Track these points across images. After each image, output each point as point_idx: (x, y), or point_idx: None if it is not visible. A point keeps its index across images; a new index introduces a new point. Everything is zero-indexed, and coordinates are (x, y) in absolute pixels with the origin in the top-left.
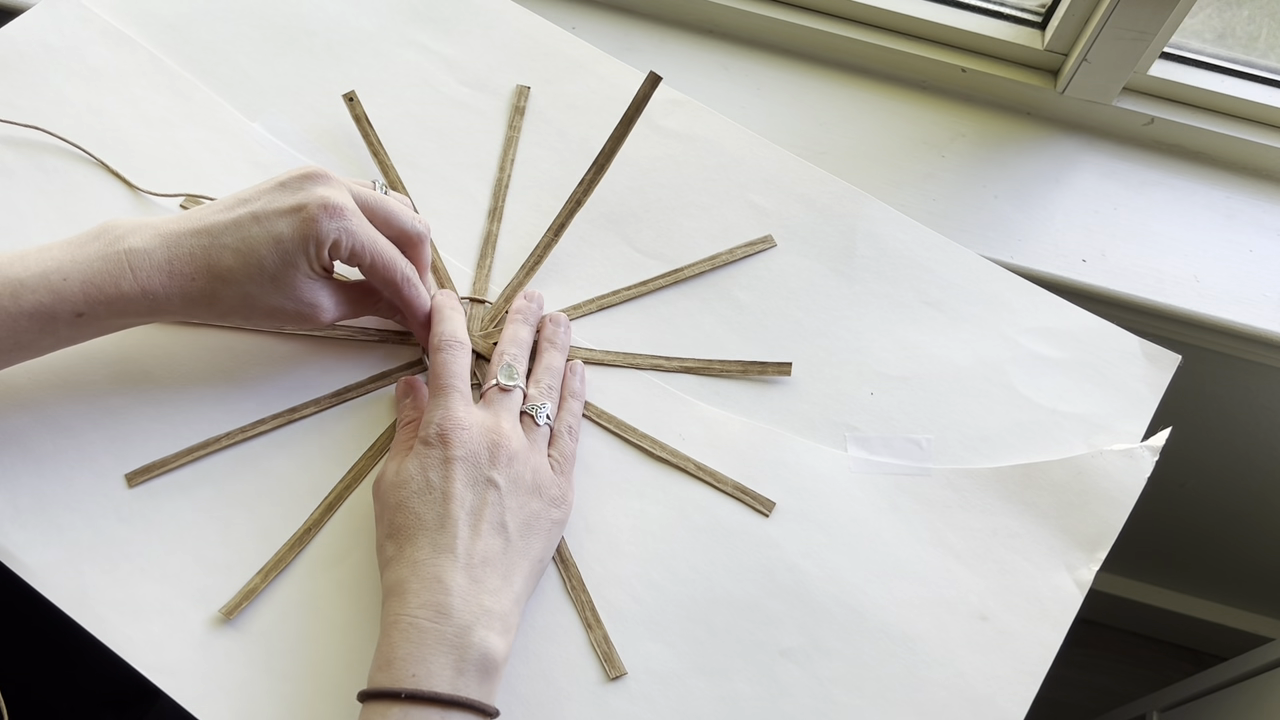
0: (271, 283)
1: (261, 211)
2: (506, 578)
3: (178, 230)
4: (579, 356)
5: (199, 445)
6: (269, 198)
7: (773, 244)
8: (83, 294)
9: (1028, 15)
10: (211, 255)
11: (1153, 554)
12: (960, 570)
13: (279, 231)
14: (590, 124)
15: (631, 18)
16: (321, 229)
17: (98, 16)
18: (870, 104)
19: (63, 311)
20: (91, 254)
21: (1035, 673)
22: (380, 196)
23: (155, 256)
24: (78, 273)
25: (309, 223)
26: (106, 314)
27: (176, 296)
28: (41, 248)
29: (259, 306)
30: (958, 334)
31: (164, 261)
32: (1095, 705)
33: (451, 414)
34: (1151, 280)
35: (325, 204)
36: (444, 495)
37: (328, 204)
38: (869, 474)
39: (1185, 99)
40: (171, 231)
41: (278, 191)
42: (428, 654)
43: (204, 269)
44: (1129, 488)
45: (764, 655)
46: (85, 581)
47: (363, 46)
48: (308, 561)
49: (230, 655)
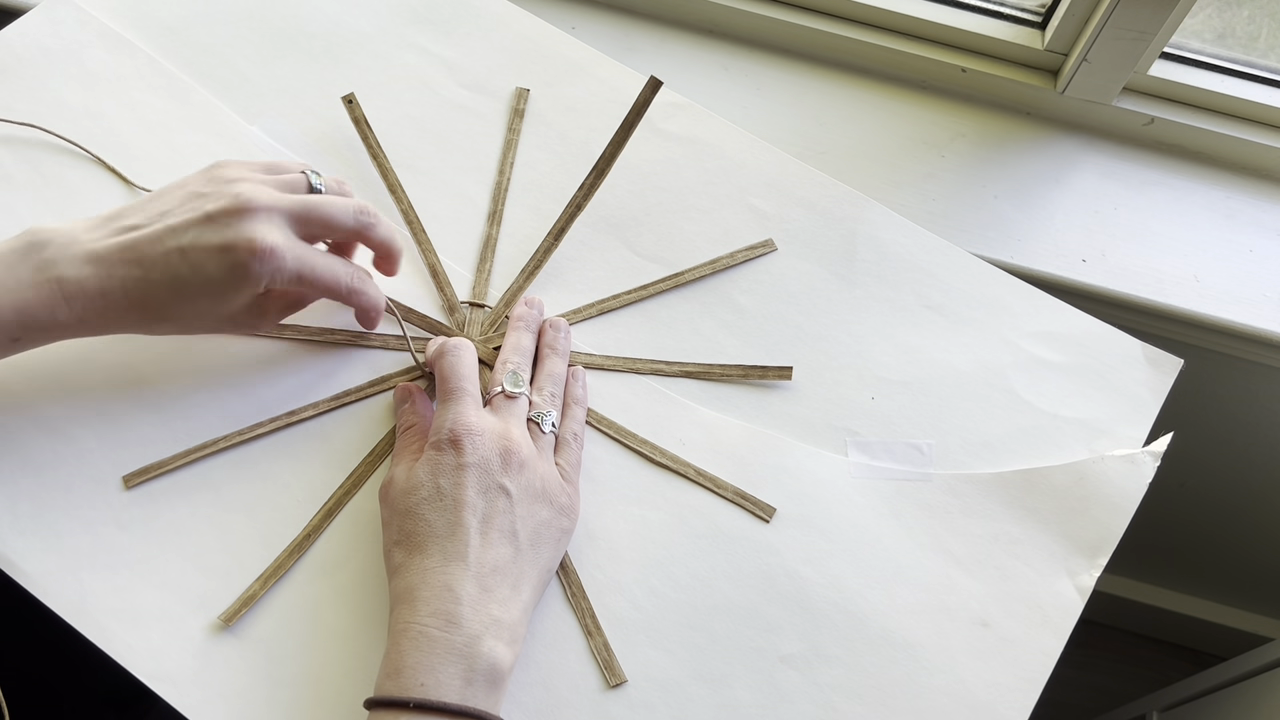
0: (208, 313)
1: (190, 247)
2: (515, 587)
3: (108, 256)
4: (579, 361)
5: (197, 448)
6: (196, 231)
7: (773, 248)
8: (17, 321)
9: (1028, 15)
10: (144, 289)
11: (1153, 554)
12: (961, 576)
13: (209, 273)
14: (590, 127)
15: (631, 18)
16: (252, 274)
17: (96, 19)
18: (870, 104)
19: None
20: (23, 279)
21: (1036, 680)
22: (310, 202)
23: (88, 287)
24: (10, 300)
25: (239, 268)
26: (44, 338)
27: (114, 324)
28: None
29: (198, 328)
30: (959, 338)
31: (97, 293)
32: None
33: (463, 418)
34: (1151, 280)
35: (253, 248)
36: (455, 502)
37: (256, 248)
38: (870, 479)
39: (1185, 99)
40: (101, 257)
41: (204, 225)
42: (437, 663)
43: (138, 303)
44: (1130, 493)
45: (764, 662)
46: (84, 588)
47: (362, 49)
48: (307, 567)
49: (230, 662)
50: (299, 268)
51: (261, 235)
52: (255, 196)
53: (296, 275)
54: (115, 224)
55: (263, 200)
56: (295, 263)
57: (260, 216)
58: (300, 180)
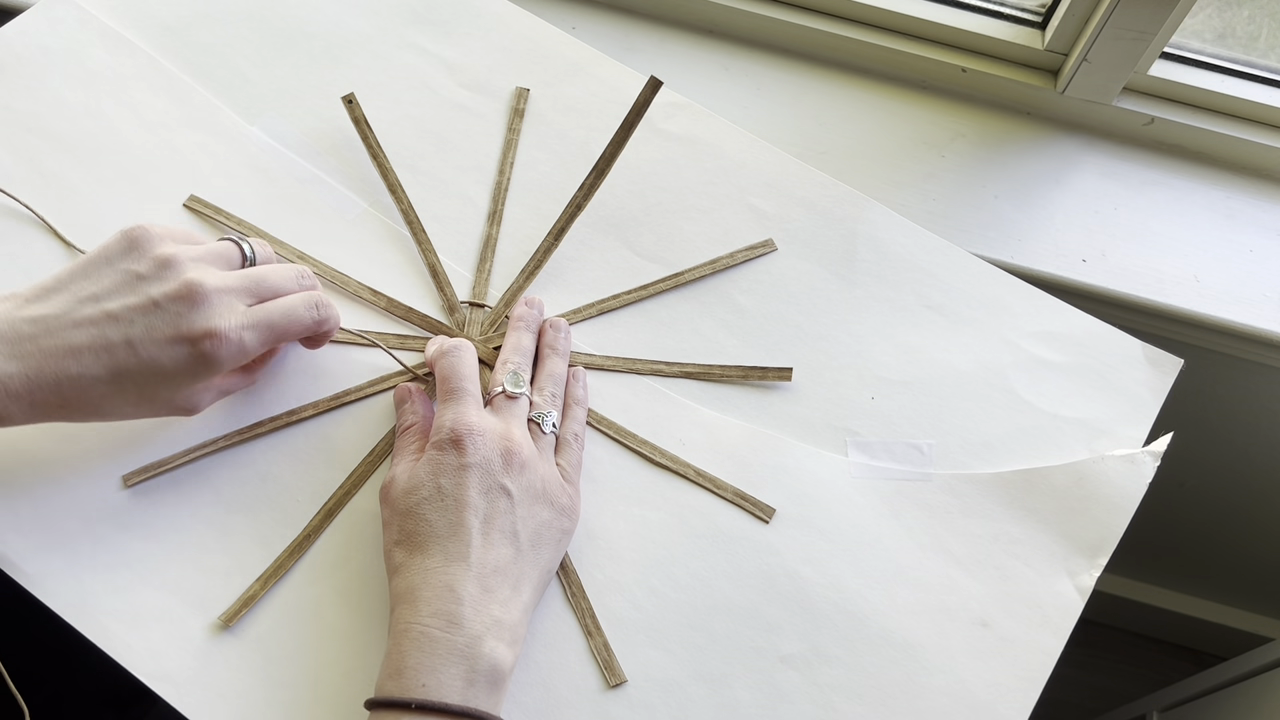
0: (147, 405)
1: (138, 339)
2: (516, 588)
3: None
4: (579, 361)
5: (197, 447)
6: (143, 322)
7: (773, 248)
8: None
9: (1028, 15)
10: (80, 387)
11: (1153, 554)
12: (961, 576)
13: (161, 365)
14: (590, 127)
15: (631, 18)
16: (215, 361)
17: (95, 18)
18: (870, 104)
19: None
20: None
21: (1036, 680)
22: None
23: (13, 385)
24: None
25: (200, 359)
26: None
27: (41, 418)
28: None
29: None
30: (959, 338)
31: (24, 391)
32: (1095, 705)
33: (464, 417)
34: (1151, 280)
35: (213, 337)
36: (457, 502)
37: (215, 335)
38: (870, 479)
39: (1185, 99)
40: (28, 351)
41: (151, 312)
42: (439, 664)
43: (72, 400)
44: (1130, 493)
45: (764, 662)
46: (84, 588)
47: (362, 49)
48: (307, 567)
49: (230, 662)
50: (260, 340)
51: (218, 323)
52: (204, 280)
53: (260, 345)
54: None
55: (211, 283)
56: (254, 338)
57: (209, 300)
58: (232, 250)
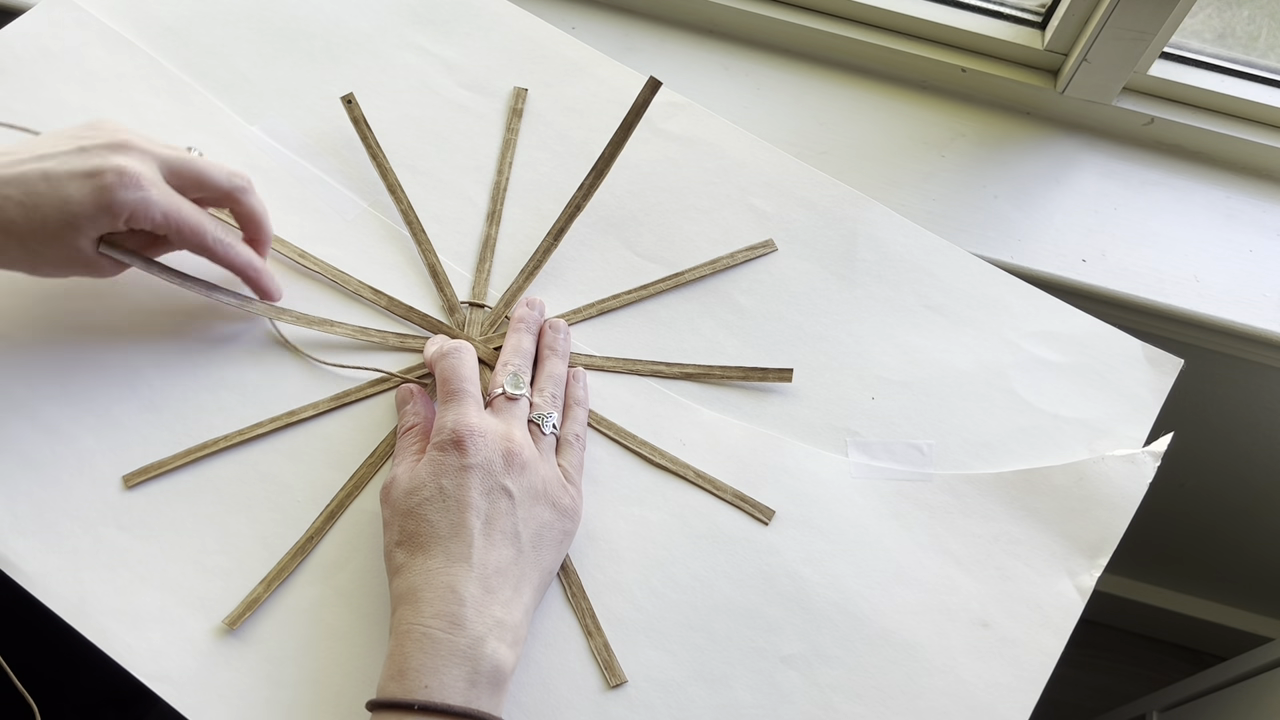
0: (54, 241)
1: (53, 172)
2: (517, 588)
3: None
4: (579, 362)
5: (197, 447)
6: (65, 159)
7: (773, 248)
8: None
9: (1028, 15)
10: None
11: (1153, 554)
12: (961, 577)
13: (67, 194)
14: (590, 127)
15: (631, 18)
16: (117, 200)
17: (95, 19)
18: (870, 104)
19: None
20: None
21: (1036, 680)
22: (186, 157)
23: None
24: None
25: (103, 192)
26: None
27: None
28: None
29: (42, 261)
30: (959, 338)
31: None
32: (1095, 705)
33: (465, 419)
34: (1151, 280)
35: (122, 173)
36: (458, 503)
37: (124, 173)
38: (870, 479)
39: (1185, 99)
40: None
41: (75, 154)
42: (441, 665)
43: None
44: (1131, 493)
45: (764, 662)
46: (85, 590)
47: (361, 49)
48: (308, 569)
49: (230, 663)
50: (165, 205)
51: (131, 166)
52: (133, 138)
53: (162, 212)
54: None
55: (139, 142)
56: (162, 199)
57: (134, 154)
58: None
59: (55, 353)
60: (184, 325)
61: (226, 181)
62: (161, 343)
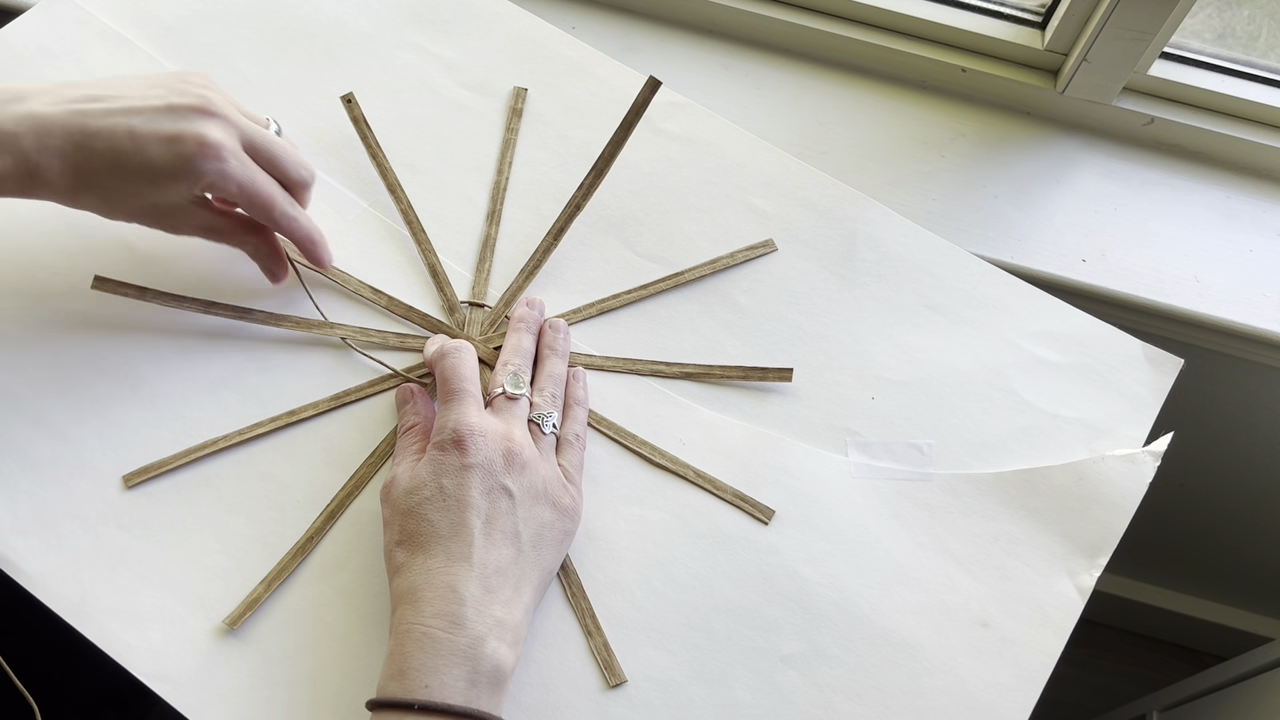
0: (133, 195)
1: (139, 131)
2: (518, 588)
3: (52, 120)
4: (579, 362)
5: (197, 447)
6: (151, 117)
7: (773, 248)
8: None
9: (1028, 15)
10: (80, 156)
11: (1153, 554)
12: (961, 576)
13: (150, 155)
14: (590, 126)
15: (631, 18)
16: (195, 169)
17: (95, 18)
18: (870, 104)
19: None
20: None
21: (1036, 680)
22: (269, 137)
23: (24, 143)
24: None
25: (184, 159)
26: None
27: (42, 186)
28: None
29: (117, 209)
30: (959, 338)
31: (32, 150)
32: (1095, 705)
33: (465, 418)
34: (1151, 280)
35: (203, 143)
36: (459, 503)
37: (205, 143)
38: (870, 479)
39: (1185, 99)
40: (45, 115)
41: (163, 113)
42: (441, 665)
43: (71, 166)
44: (1131, 493)
45: (764, 662)
46: (85, 589)
47: (361, 48)
48: (308, 569)
49: (230, 663)
50: (241, 176)
51: (214, 135)
52: (221, 104)
53: (238, 183)
54: (72, 93)
55: (226, 110)
56: (239, 169)
57: (218, 121)
58: (263, 120)
59: (56, 352)
60: (184, 325)
61: (294, 172)
62: (161, 343)
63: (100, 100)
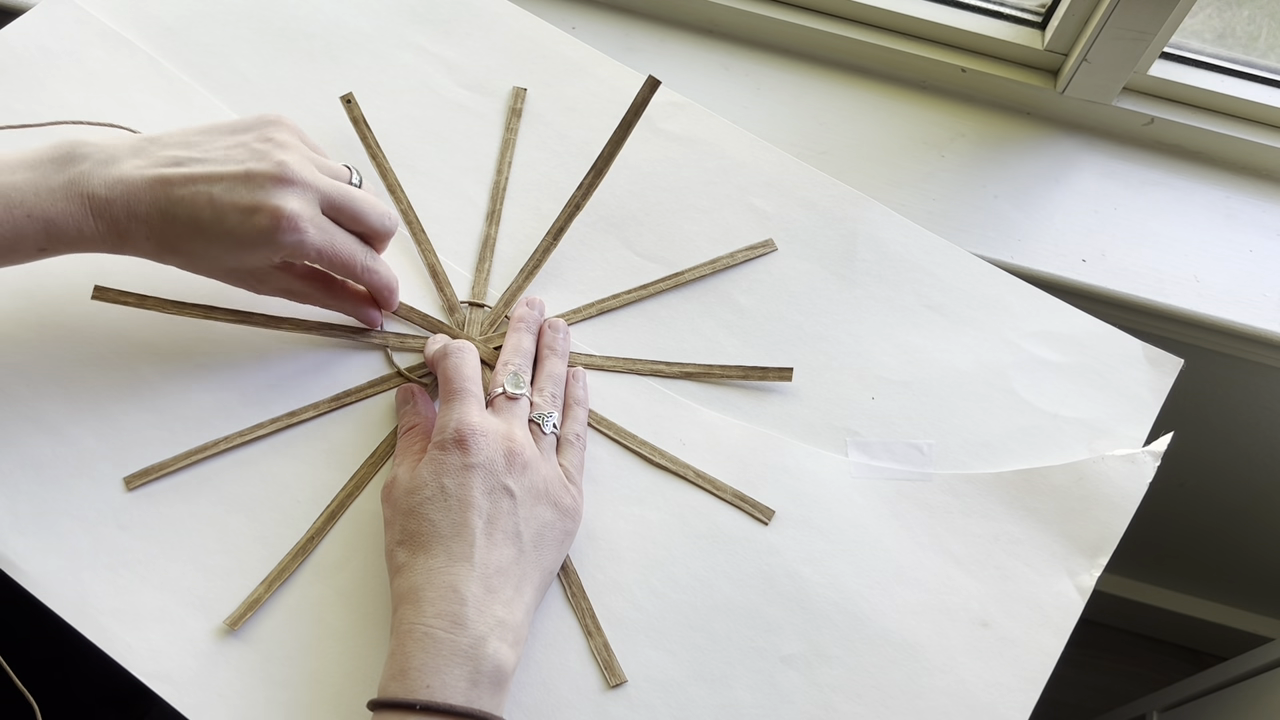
0: (218, 261)
1: (219, 200)
2: (519, 588)
3: (139, 181)
4: (578, 361)
5: (198, 449)
6: (230, 186)
7: (773, 248)
8: (45, 233)
9: (1028, 15)
10: (164, 223)
11: (1153, 554)
12: (961, 576)
13: (230, 225)
14: (590, 126)
15: (631, 18)
16: (273, 241)
17: (95, 19)
18: (870, 104)
19: (25, 246)
20: (56, 190)
21: (1036, 680)
22: (349, 193)
23: (114, 209)
24: (41, 213)
25: (261, 232)
26: (68, 250)
27: (131, 246)
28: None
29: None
30: (959, 338)
31: (123, 216)
32: (1095, 705)
33: (467, 418)
34: (1151, 280)
35: (279, 215)
36: (460, 502)
37: (281, 215)
38: (870, 479)
39: (1185, 99)
40: (133, 181)
41: (241, 182)
42: (442, 665)
43: (156, 231)
44: (1131, 493)
45: (764, 662)
46: (85, 589)
47: (361, 49)
48: (308, 568)
49: (230, 663)
50: (320, 243)
51: (290, 206)
52: (298, 169)
53: (317, 249)
54: (156, 153)
55: (303, 175)
56: (318, 237)
57: (296, 190)
58: (342, 171)
59: (56, 353)
60: (184, 325)
61: (377, 223)
62: (162, 343)
63: (184, 164)
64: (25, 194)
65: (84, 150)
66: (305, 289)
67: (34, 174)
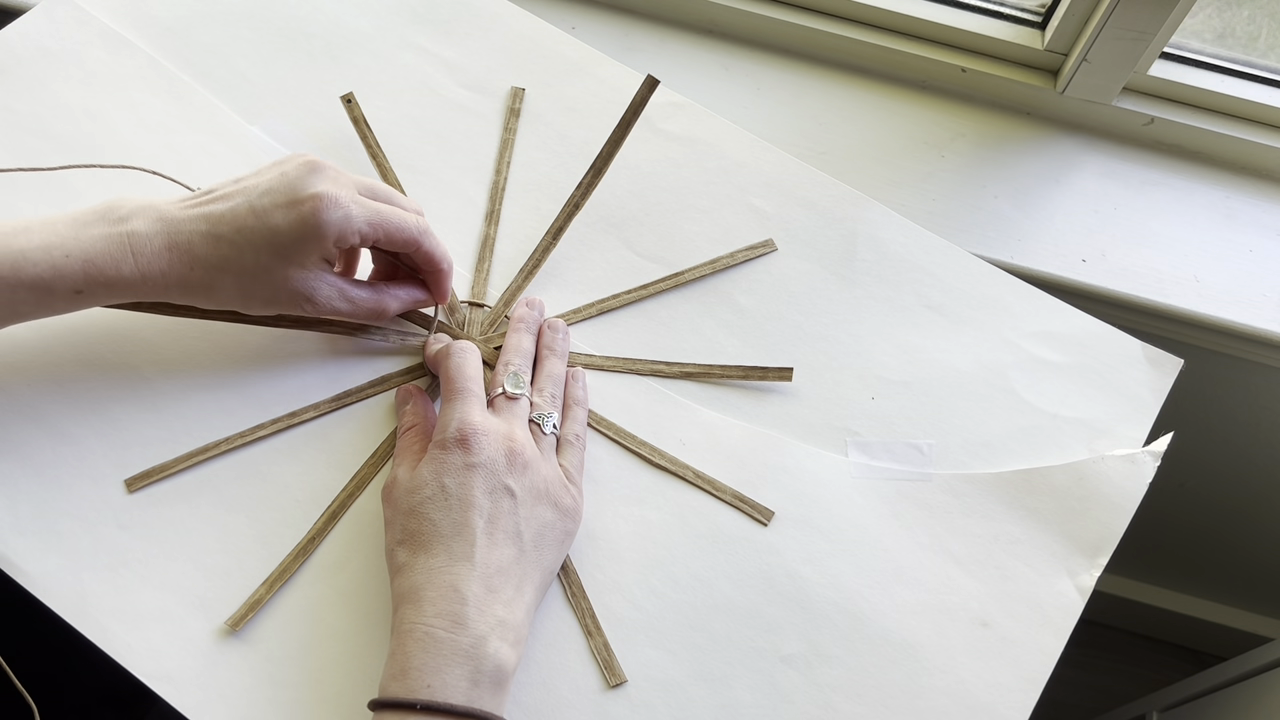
0: (266, 273)
1: (259, 205)
2: (519, 588)
3: (178, 215)
4: (578, 362)
5: (198, 450)
6: (266, 191)
7: (773, 248)
8: (83, 273)
9: (1028, 15)
10: (208, 246)
11: (1153, 554)
12: (961, 576)
13: (275, 224)
14: (590, 126)
15: (631, 18)
16: (320, 222)
17: (95, 19)
18: (870, 104)
19: (61, 288)
20: (95, 234)
21: (1036, 680)
22: (379, 184)
23: (155, 243)
24: (80, 251)
25: (308, 217)
26: (105, 294)
27: (175, 284)
28: (46, 220)
29: (255, 296)
30: (959, 338)
31: (163, 248)
32: (1095, 705)
33: (469, 418)
34: (1151, 280)
35: (318, 196)
36: (461, 502)
37: (323, 197)
38: (870, 479)
39: (1185, 99)
40: (173, 216)
41: (278, 185)
42: (443, 665)
43: (200, 259)
44: (1131, 493)
45: (764, 662)
46: (85, 589)
47: (361, 49)
48: (309, 569)
49: (231, 663)
50: (368, 214)
51: (328, 189)
52: (326, 162)
53: (366, 222)
54: (193, 198)
55: (331, 167)
56: (363, 209)
57: (330, 174)
58: None
59: (56, 353)
60: (185, 325)
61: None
62: (162, 343)
63: (217, 190)
64: (65, 237)
65: (125, 202)
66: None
67: (74, 223)
